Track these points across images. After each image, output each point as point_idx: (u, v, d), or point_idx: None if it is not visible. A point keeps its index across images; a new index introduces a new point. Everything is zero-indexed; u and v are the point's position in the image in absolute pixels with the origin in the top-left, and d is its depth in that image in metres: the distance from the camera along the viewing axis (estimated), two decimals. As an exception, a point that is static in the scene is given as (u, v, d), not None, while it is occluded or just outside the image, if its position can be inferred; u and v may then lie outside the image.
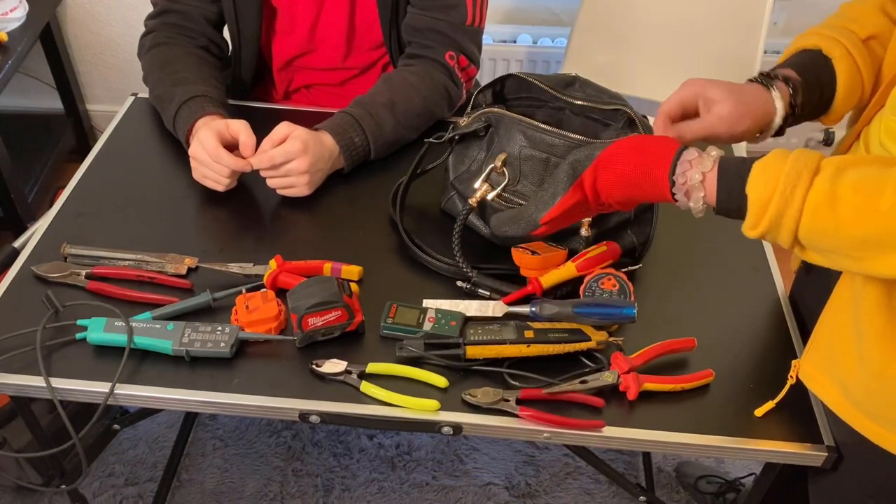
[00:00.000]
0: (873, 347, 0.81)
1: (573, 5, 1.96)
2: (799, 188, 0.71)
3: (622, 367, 0.97)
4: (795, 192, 0.72)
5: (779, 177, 0.72)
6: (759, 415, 0.96)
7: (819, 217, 0.71)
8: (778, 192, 0.72)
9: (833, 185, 0.71)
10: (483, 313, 1.04)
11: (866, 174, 0.70)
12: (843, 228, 0.70)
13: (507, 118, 1.05)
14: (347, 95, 1.32)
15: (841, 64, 0.92)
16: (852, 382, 0.86)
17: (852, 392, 0.86)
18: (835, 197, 0.70)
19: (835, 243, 0.72)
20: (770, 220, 0.74)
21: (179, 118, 1.24)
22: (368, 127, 1.24)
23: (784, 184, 0.72)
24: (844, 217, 0.70)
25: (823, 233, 0.72)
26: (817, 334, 0.92)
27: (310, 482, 1.67)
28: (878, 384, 0.83)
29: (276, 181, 1.19)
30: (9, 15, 2.02)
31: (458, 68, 1.34)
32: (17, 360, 0.97)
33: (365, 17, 1.37)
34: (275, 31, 1.40)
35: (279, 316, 1.01)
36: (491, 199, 1.06)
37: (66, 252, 1.10)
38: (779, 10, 2.11)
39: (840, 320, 0.87)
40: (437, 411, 0.94)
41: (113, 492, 1.64)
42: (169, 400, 0.96)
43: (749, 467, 1.65)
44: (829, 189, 0.71)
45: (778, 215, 0.73)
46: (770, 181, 0.73)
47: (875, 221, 0.69)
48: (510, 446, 1.75)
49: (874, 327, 0.81)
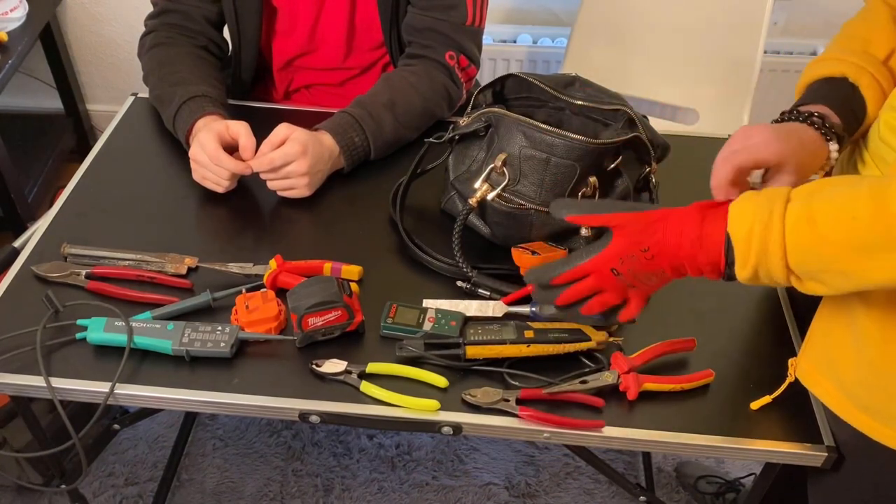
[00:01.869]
0: (869, 343, 0.81)
1: (573, 5, 1.96)
2: (775, 213, 0.73)
3: (622, 367, 0.97)
4: (773, 218, 0.73)
5: (754, 209, 0.74)
6: (755, 408, 0.96)
7: (801, 235, 0.72)
8: (757, 221, 0.74)
9: (808, 204, 0.72)
10: (483, 313, 1.04)
11: (838, 190, 0.71)
12: (827, 242, 0.71)
13: (507, 118, 1.05)
14: (348, 95, 1.32)
15: (869, 92, 0.91)
16: (849, 379, 0.86)
17: (849, 388, 0.86)
18: (811, 213, 0.71)
19: (823, 261, 0.72)
20: (756, 252, 0.74)
21: (179, 118, 1.24)
22: (368, 127, 1.24)
23: (760, 212, 0.74)
24: (825, 230, 0.71)
25: (809, 250, 0.72)
26: (813, 331, 0.92)
27: (310, 482, 1.67)
28: (875, 379, 0.83)
29: (277, 183, 1.19)
30: (9, 15, 2.02)
31: (459, 68, 1.34)
32: (17, 360, 0.97)
33: (365, 17, 1.37)
34: (275, 32, 1.40)
35: (279, 316, 1.01)
36: (491, 199, 1.06)
37: (66, 252, 1.10)
38: (779, 10, 2.11)
39: (835, 317, 0.87)
40: (437, 411, 0.94)
41: (113, 491, 1.64)
42: (169, 400, 0.96)
43: (749, 467, 1.65)
44: (804, 208, 0.72)
45: (762, 243, 0.73)
46: (746, 214, 0.75)
47: (854, 228, 0.69)
48: (510, 446, 1.75)
49: (870, 322, 0.81)
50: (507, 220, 1.08)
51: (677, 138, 1.25)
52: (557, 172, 1.03)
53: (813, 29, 2.18)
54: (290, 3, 1.36)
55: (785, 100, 2.20)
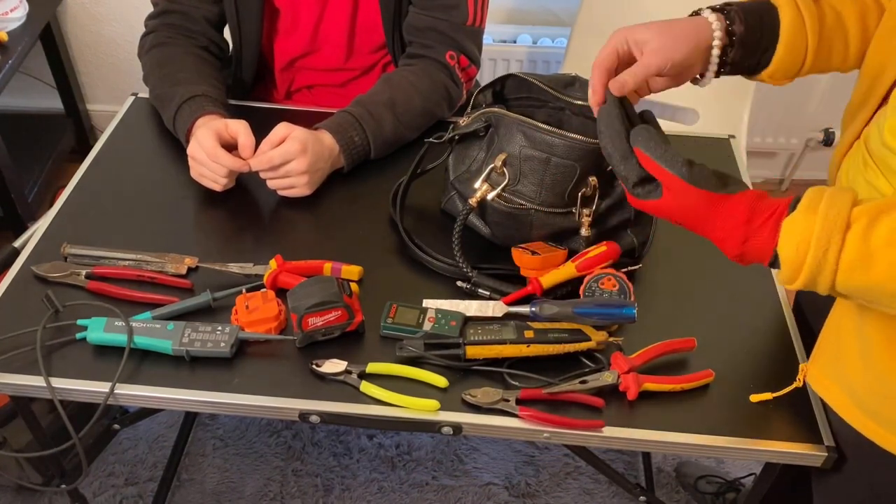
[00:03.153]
0: (877, 350, 0.81)
1: (573, 5, 1.96)
2: (831, 251, 0.69)
3: (622, 367, 0.97)
4: (828, 256, 0.69)
5: (809, 240, 0.70)
6: (754, 401, 0.97)
7: (854, 278, 0.70)
8: (810, 256, 0.70)
9: (866, 242, 0.68)
10: (483, 313, 1.04)
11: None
12: (880, 285, 0.69)
13: (507, 118, 1.05)
14: (349, 96, 1.32)
15: (786, 12, 0.88)
16: (857, 385, 0.86)
17: (858, 395, 0.86)
18: (869, 255, 0.68)
19: (874, 297, 0.71)
20: (804, 282, 0.72)
21: (179, 118, 1.24)
22: (368, 126, 1.24)
23: (815, 248, 0.70)
24: (880, 274, 0.68)
25: (860, 289, 0.71)
26: (823, 338, 0.91)
27: (310, 482, 1.67)
28: (883, 387, 0.82)
29: (276, 182, 1.19)
30: (9, 15, 2.02)
31: (459, 68, 1.34)
32: (17, 360, 0.97)
33: (367, 18, 1.37)
34: (277, 32, 1.40)
35: (279, 316, 1.01)
36: (491, 199, 1.06)
37: (66, 252, 1.10)
38: (779, 10, 2.11)
39: (845, 324, 0.86)
40: (437, 411, 0.94)
41: (113, 491, 1.64)
42: (169, 400, 0.96)
43: (749, 467, 1.65)
44: (861, 248, 0.68)
45: (812, 276, 0.71)
46: (801, 245, 0.71)
47: None
48: (510, 446, 1.75)
49: (878, 330, 0.81)
50: (507, 220, 1.08)
51: (677, 138, 1.25)
52: (557, 172, 1.03)
53: (813, 29, 2.17)
54: (292, 4, 1.36)
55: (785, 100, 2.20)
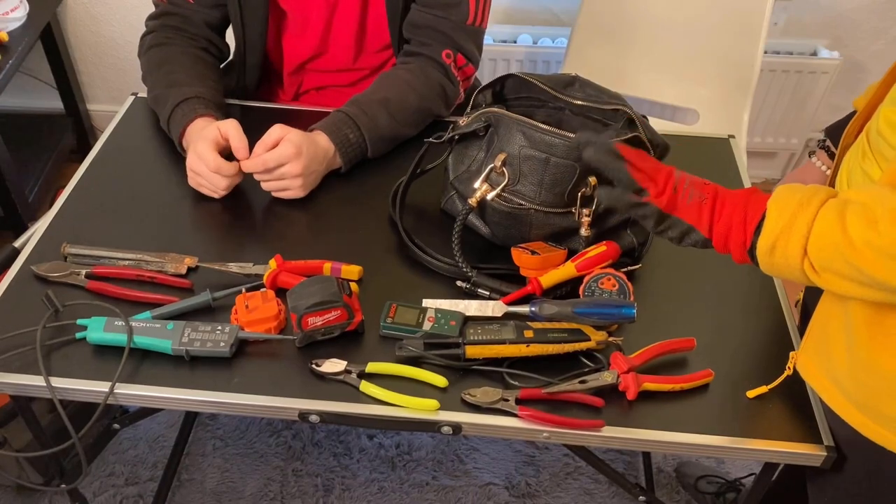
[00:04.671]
0: (859, 340, 0.82)
1: (573, 5, 1.96)
2: (814, 200, 0.77)
3: (622, 367, 0.97)
4: (812, 202, 0.77)
5: (801, 191, 0.79)
6: (751, 396, 0.97)
7: (822, 242, 0.75)
8: (795, 200, 0.78)
9: (843, 201, 0.76)
10: (483, 313, 1.04)
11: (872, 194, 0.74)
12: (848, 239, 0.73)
13: (506, 118, 1.05)
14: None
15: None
16: (843, 374, 0.87)
17: (843, 384, 0.87)
18: (842, 210, 0.74)
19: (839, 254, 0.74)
20: (784, 225, 0.77)
21: (173, 121, 1.24)
22: (363, 122, 1.23)
23: (804, 194, 0.78)
24: (852, 229, 0.73)
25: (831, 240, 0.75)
26: (812, 327, 0.92)
27: (310, 482, 1.67)
28: (866, 376, 0.83)
29: (270, 184, 1.19)
30: (9, 15, 2.02)
31: (455, 67, 1.34)
32: (17, 360, 0.97)
33: (376, 17, 1.37)
34: (285, 35, 1.40)
35: (279, 315, 1.01)
36: (491, 199, 1.06)
37: (66, 252, 1.10)
38: (779, 10, 2.11)
39: (832, 312, 0.88)
40: (436, 411, 0.94)
41: (113, 491, 1.64)
42: (169, 399, 0.96)
43: (749, 467, 1.65)
44: (838, 202, 0.76)
45: (792, 218, 0.77)
46: (793, 192, 0.79)
47: (876, 233, 0.71)
48: (510, 446, 1.75)
49: (861, 319, 0.82)
50: (506, 219, 1.08)
51: (677, 138, 1.25)
52: (557, 172, 1.03)
53: (813, 29, 2.18)
54: (301, 6, 1.35)
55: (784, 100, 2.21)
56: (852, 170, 0.89)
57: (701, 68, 1.89)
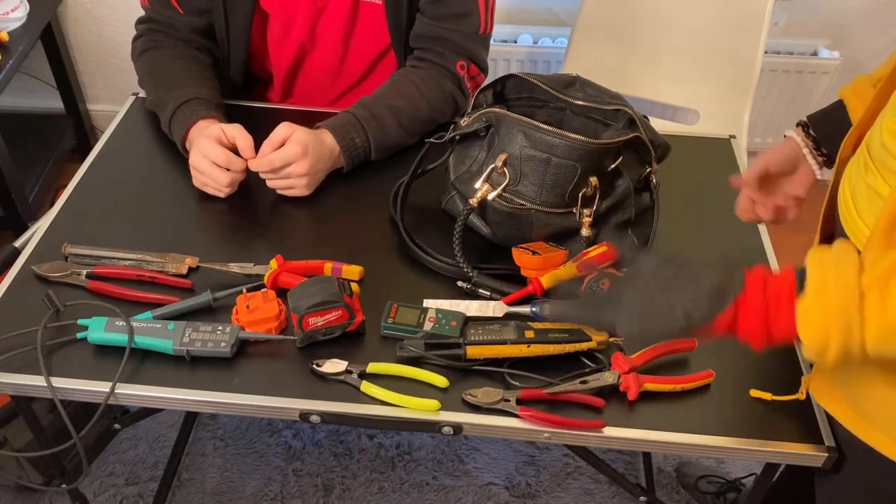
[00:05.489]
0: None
1: (573, 5, 1.96)
2: (854, 331, 0.71)
3: (622, 368, 0.97)
4: (852, 335, 0.71)
5: (829, 329, 0.72)
6: (753, 396, 0.97)
7: (885, 346, 0.71)
8: (834, 342, 0.72)
9: (886, 313, 0.70)
10: (483, 313, 1.04)
11: None
12: None
13: (507, 118, 1.05)
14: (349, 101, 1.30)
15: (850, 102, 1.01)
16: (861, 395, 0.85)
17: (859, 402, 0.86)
18: (892, 324, 0.70)
19: None
20: (836, 362, 0.73)
21: (174, 124, 1.24)
22: (371, 128, 1.23)
23: (837, 333, 0.72)
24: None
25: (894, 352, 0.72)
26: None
27: (310, 482, 1.67)
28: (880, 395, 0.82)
29: (276, 182, 1.19)
30: (10, 15, 2.02)
31: (468, 77, 1.34)
32: (18, 360, 0.97)
33: (367, 24, 1.35)
34: (270, 36, 1.39)
35: (280, 316, 1.01)
36: (492, 200, 1.06)
37: (66, 252, 1.10)
38: (779, 10, 2.11)
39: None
40: (437, 411, 0.94)
41: (113, 491, 1.64)
42: (169, 399, 0.96)
43: (750, 467, 1.65)
44: (883, 319, 0.70)
45: (843, 355, 0.72)
46: (821, 334, 0.73)
47: None
48: (510, 446, 1.75)
49: None
50: (507, 220, 1.08)
51: (677, 138, 1.25)
52: (558, 173, 1.03)
53: (813, 29, 2.18)
54: (287, 11, 1.32)
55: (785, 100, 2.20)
56: (855, 184, 0.87)
57: (701, 68, 1.89)
